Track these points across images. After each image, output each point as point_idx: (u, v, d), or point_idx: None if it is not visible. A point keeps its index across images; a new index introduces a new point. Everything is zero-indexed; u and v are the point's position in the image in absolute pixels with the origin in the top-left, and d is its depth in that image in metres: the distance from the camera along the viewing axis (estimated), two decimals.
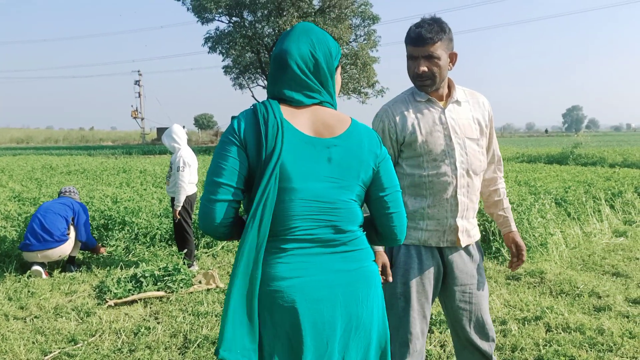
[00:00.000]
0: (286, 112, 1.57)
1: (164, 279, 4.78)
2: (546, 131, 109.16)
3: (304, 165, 1.52)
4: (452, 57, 2.19)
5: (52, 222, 5.34)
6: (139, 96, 55.63)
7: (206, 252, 6.25)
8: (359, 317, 1.56)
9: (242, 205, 1.60)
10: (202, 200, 1.52)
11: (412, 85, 2.26)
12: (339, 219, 1.55)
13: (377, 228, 1.68)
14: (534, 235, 5.81)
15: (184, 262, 5.27)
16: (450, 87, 2.27)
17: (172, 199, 5.62)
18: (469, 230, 2.25)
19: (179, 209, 5.47)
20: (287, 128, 1.53)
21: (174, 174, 5.49)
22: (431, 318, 3.81)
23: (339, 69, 1.73)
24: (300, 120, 1.57)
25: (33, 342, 3.67)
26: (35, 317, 4.16)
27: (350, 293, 1.55)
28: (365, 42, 34.33)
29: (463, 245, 2.23)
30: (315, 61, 1.60)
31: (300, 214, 1.51)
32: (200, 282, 4.94)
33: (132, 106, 54.73)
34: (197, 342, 3.60)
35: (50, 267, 5.52)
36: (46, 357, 3.42)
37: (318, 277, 1.52)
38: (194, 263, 5.64)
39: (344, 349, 1.56)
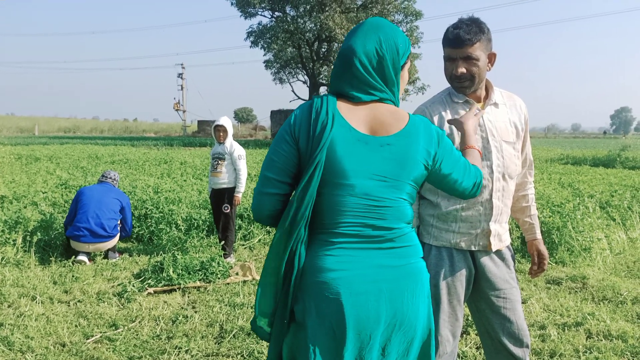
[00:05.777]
0: (343, 108, 1.60)
1: (202, 269, 4.87)
2: (604, 133, 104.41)
3: (355, 162, 1.55)
4: (491, 58, 2.15)
5: (108, 218, 5.56)
6: (182, 89, 56.56)
7: (243, 245, 6.33)
8: (404, 312, 1.57)
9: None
10: (255, 191, 1.63)
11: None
12: (385, 217, 1.56)
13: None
14: (577, 239, 5.65)
15: (222, 254, 5.36)
16: (488, 89, 2.23)
17: (216, 190, 5.69)
18: (500, 235, 2.21)
19: (240, 195, 5.69)
20: (339, 124, 1.56)
21: (231, 163, 5.65)
22: (467, 319, 3.76)
23: (407, 65, 1.74)
24: (357, 117, 1.59)
25: (76, 325, 3.80)
26: (79, 301, 4.30)
27: (395, 288, 1.56)
28: None
29: (493, 249, 2.19)
30: (380, 59, 1.61)
31: (349, 210, 1.55)
32: (237, 274, 5.01)
33: (174, 99, 55.67)
34: (233, 333, 3.65)
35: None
36: (88, 340, 3.54)
37: (363, 271, 1.54)
38: (232, 255, 5.72)
39: (385, 342, 1.58)
